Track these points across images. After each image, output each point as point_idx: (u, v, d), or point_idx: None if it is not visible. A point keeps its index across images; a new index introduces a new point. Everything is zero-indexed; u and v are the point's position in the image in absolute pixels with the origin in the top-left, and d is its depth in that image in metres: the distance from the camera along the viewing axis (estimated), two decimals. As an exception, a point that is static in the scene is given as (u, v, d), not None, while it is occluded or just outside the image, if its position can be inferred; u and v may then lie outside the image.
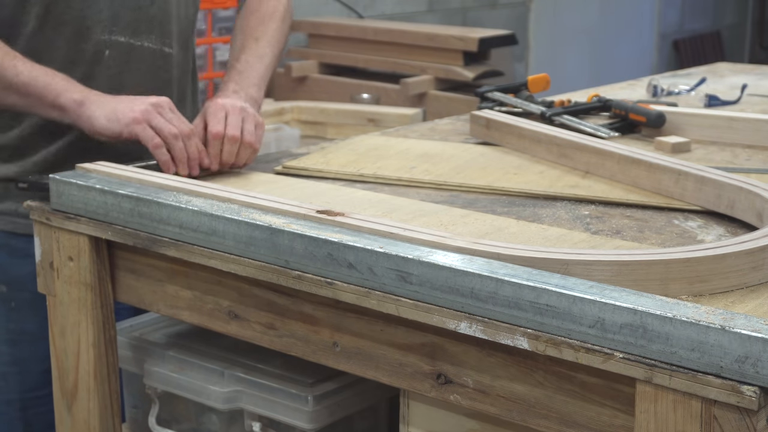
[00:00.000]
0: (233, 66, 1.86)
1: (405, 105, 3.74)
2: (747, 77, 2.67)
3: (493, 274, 1.17)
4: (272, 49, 1.90)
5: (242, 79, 1.82)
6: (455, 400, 1.26)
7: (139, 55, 1.82)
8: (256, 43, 1.89)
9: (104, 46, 1.77)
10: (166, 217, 1.46)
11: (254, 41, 1.89)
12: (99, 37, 1.76)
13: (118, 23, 1.78)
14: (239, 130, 1.70)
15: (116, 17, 1.78)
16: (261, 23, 1.92)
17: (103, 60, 1.77)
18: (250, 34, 1.91)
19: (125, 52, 1.80)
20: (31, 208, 1.62)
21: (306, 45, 4.24)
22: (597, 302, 1.10)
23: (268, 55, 1.89)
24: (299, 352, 1.41)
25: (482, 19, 5.48)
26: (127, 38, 1.79)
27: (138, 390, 1.74)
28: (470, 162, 1.81)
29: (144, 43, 1.81)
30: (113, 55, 1.78)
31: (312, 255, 1.31)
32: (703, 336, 1.04)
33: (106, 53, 1.77)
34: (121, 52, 1.79)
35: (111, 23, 1.77)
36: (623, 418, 1.13)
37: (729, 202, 1.51)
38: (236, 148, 1.69)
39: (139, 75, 1.82)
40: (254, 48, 1.88)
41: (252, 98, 1.79)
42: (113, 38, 1.78)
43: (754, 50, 8.19)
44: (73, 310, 1.60)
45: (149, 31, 1.82)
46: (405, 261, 1.23)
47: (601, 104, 2.13)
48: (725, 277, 1.22)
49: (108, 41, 1.77)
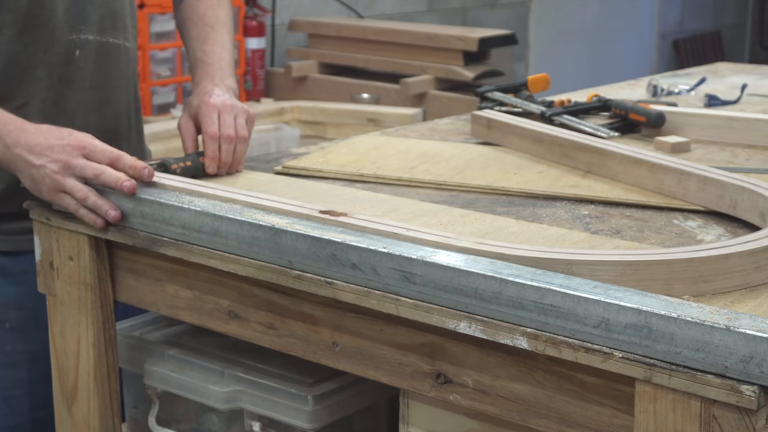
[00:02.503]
0: (202, 60, 1.85)
1: (405, 105, 3.74)
2: (747, 77, 2.67)
3: (497, 274, 1.17)
4: (229, 34, 1.91)
5: (216, 72, 1.82)
6: (455, 400, 1.27)
7: (108, 53, 1.80)
8: (213, 31, 1.88)
9: (74, 46, 1.75)
10: (168, 217, 1.46)
11: (210, 29, 1.88)
12: (68, 37, 1.74)
13: (86, 21, 1.76)
14: (233, 128, 1.71)
15: (84, 15, 1.75)
16: (209, 8, 1.92)
17: (74, 61, 1.75)
18: (203, 21, 1.90)
19: (94, 50, 1.78)
20: (31, 207, 1.62)
21: (306, 45, 4.24)
22: (601, 302, 1.10)
23: (227, 40, 1.89)
24: (299, 352, 1.41)
25: (482, 19, 5.48)
26: (95, 36, 1.77)
27: (138, 390, 1.74)
28: (470, 162, 1.81)
29: (110, 39, 1.80)
30: (84, 54, 1.76)
31: (315, 255, 1.31)
32: (708, 336, 1.04)
33: (76, 53, 1.75)
34: (91, 50, 1.77)
35: (79, 22, 1.75)
36: (623, 417, 1.13)
37: (732, 202, 1.51)
38: (233, 146, 1.70)
39: (109, 72, 1.81)
40: (213, 36, 1.88)
41: (232, 89, 1.81)
42: (82, 37, 1.75)
43: (754, 50, 8.19)
44: (73, 310, 1.61)
45: (113, 27, 1.80)
46: (409, 261, 1.23)
47: (600, 104, 2.13)
48: (729, 277, 1.22)
49: (77, 41, 1.75)
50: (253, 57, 3.92)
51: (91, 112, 1.78)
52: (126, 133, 1.85)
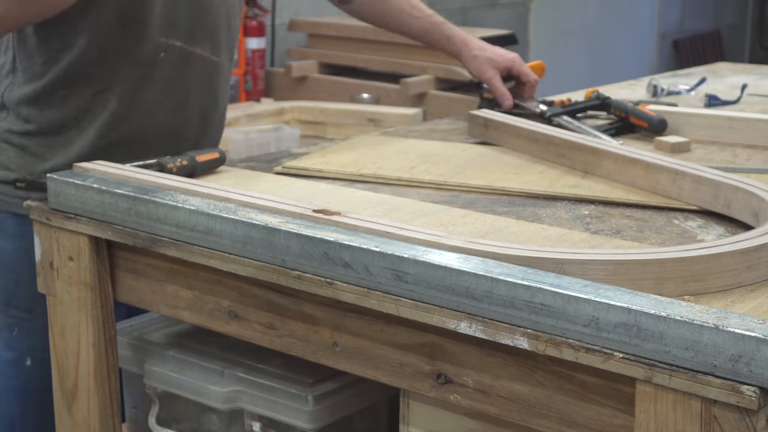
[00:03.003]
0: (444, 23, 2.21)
1: (405, 105, 3.74)
2: (747, 77, 2.67)
3: (488, 273, 1.17)
4: None
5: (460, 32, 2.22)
6: (455, 400, 1.26)
7: (192, 62, 1.83)
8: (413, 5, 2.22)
9: (160, 49, 1.78)
10: (163, 216, 1.46)
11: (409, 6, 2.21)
12: (156, 39, 1.77)
13: (176, 28, 1.79)
14: None
15: (175, 22, 1.79)
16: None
17: (158, 62, 1.78)
18: None
19: (180, 57, 1.81)
20: (31, 207, 1.62)
21: (306, 45, 4.24)
22: (591, 301, 1.10)
23: None
24: (299, 352, 1.41)
25: (482, 19, 5.48)
26: (182, 43, 1.80)
27: (138, 390, 1.74)
28: (470, 162, 1.81)
29: (197, 50, 1.83)
30: (167, 58, 1.79)
31: (308, 254, 1.31)
32: (696, 335, 1.04)
33: (161, 55, 1.78)
34: (176, 56, 1.80)
35: (169, 27, 1.78)
36: (623, 417, 1.13)
37: (726, 201, 1.51)
38: None
39: (191, 81, 1.84)
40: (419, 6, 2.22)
41: None
42: (170, 42, 1.79)
43: (754, 50, 8.18)
44: (73, 310, 1.60)
45: (203, 39, 1.83)
46: (401, 260, 1.23)
47: (599, 101, 2.13)
48: (720, 276, 1.22)
49: (165, 44, 1.78)
50: (253, 57, 3.92)
51: (165, 113, 1.81)
52: (195, 141, 1.87)
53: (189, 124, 1.86)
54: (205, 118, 1.89)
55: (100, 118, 1.76)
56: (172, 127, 1.83)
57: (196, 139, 1.87)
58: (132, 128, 1.78)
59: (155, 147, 1.77)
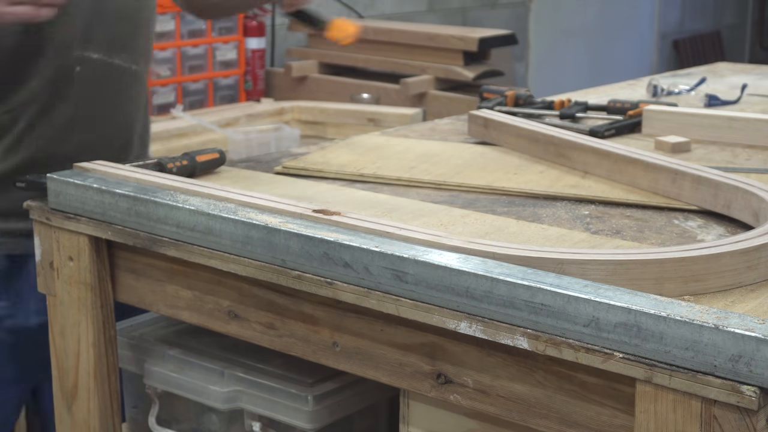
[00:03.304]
0: None
1: (405, 105, 3.74)
2: (747, 77, 2.67)
3: (488, 273, 1.17)
4: None
5: None
6: (455, 400, 1.26)
7: (109, 73, 1.80)
8: None
9: (76, 63, 1.75)
10: (163, 216, 1.46)
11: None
12: (72, 52, 1.74)
13: (93, 40, 1.76)
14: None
15: (91, 34, 1.76)
16: None
17: (73, 76, 1.75)
18: None
19: (96, 70, 1.78)
20: (31, 207, 1.62)
21: (306, 45, 4.24)
22: (591, 301, 1.10)
23: None
24: (299, 352, 1.41)
25: (482, 19, 5.48)
26: (100, 55, 1.78)
27: (138, 390, 1.74)
28: (470, 162, 1.81)
29: (115, 61, 1.80)
30: (84, 72, 1.76)
31: (308, 254, 1.31)
32: (696, 335, 1.04)
33: (76, 69, 1.75)
34: (92, 69, 1.77)
35: (86, 39, 1.75)
36: (623, 417, 1.13)
37: (725, 201, 1.51)
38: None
39: (109, 93, 1.81)
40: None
41: None
42: (86, 54, 1.76)
43: (754, 50, 8.18)
44: (73, 310, 1.61)
45: (122, 49, 1.81)
46: (401, 260, 1.23)
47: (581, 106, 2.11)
48: (720, 276, 1.22)
49: (80, 57, 1.75)
50: (253, 57, 3.92)
51: (84, 130, 1.78)
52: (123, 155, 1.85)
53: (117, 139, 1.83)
54: (127, 128, 1.86)
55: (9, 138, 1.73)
56: (91, 141, 1.79)
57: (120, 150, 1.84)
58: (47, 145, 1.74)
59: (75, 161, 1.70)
